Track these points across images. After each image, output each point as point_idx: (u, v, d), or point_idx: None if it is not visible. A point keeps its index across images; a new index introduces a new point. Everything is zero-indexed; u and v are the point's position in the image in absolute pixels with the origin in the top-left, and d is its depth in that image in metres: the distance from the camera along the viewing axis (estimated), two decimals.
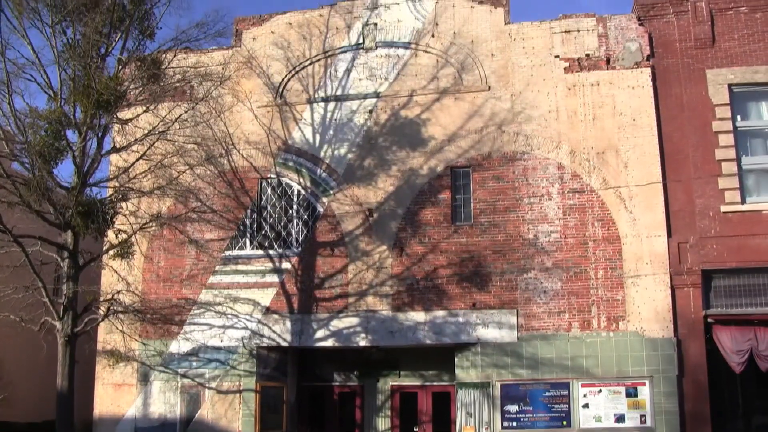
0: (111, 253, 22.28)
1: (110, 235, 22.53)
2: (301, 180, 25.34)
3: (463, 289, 23.65)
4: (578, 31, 24.58)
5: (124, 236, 22.00)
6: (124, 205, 22.33)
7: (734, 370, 21.74)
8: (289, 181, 25.54)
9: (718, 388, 22.67)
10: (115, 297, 22.25)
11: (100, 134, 21.67)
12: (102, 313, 22.21)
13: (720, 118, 22.95)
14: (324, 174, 25.23)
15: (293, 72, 26.09)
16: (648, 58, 23.85)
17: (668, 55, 23.75)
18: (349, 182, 25.01)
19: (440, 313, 23.62)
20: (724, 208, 22.43)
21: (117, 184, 22.24)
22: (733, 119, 23.05)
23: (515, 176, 24.01)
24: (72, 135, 21.25)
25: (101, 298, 22.80)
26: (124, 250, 22.17)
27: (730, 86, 23.17)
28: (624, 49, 24.10)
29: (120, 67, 21.95)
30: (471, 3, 25.45)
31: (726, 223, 22.39)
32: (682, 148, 23.09)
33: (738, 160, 22.77)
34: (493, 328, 23.18)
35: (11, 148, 20.82)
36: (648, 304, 22.40)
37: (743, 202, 22.51)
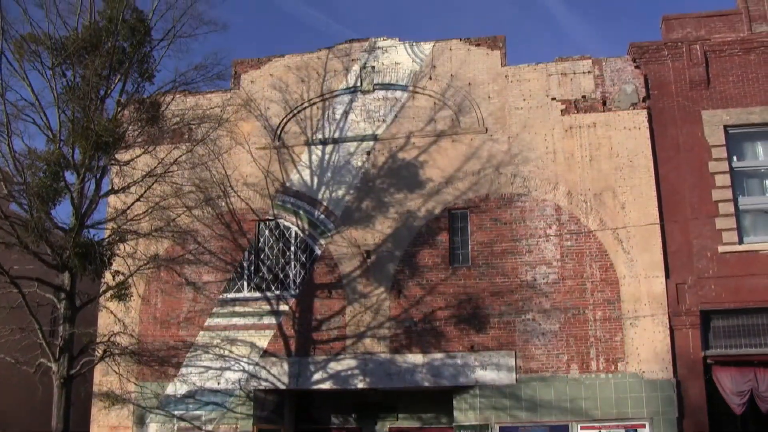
0: (108, 294, 22.19)
1: (107, 276, 22.48)
2: (299, 222, 25.37)
3: (461, 331, 23.55)
4: (574, 73, 24.76)
5: (122, 278, 21.91)
6: (121, 246, 22.25)
7: (734, 411, 21.55)
8: (286, 223, 25.56)
9: (719, 429, 22.45)
10: (112, 339, 22.10)
11: (98, 176, 21.67)
12: (98, 355, 22.05)
13: (716, 159, 23.05)
14: (322, 216, 25.26)
15: (291, 114, 26.25)
16: (644, 100, 24.01)
17: (664, 96, 23.91)
18: (346, 224, 25.04)
19: (438, 355, 23.49)
20: (721, 249, 22.42)
21: (115, 226, 22.19)
22: (729, 160, 23.14)
23: (513, 218, 24.03)
24: (70, 176, 21.24)
25: (98, 340, 22.69)
26: (121, 292, 22.07)
27: (725, 127, 23.32)
28: (620, 91, 24.26)
29: (119, 109, 22.06)
30: (468, 46, 25.68)
31: (724, 263, 22.37)
32: (679, 188, 23.15)
33: (735, 201, 22.83)
34: (492, 371, 23.03)
35: (9, 189, 20.80)
36: (647, 345, 22.29)
37: (741, 242, 22.52)
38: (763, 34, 23.73)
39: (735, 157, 23.36)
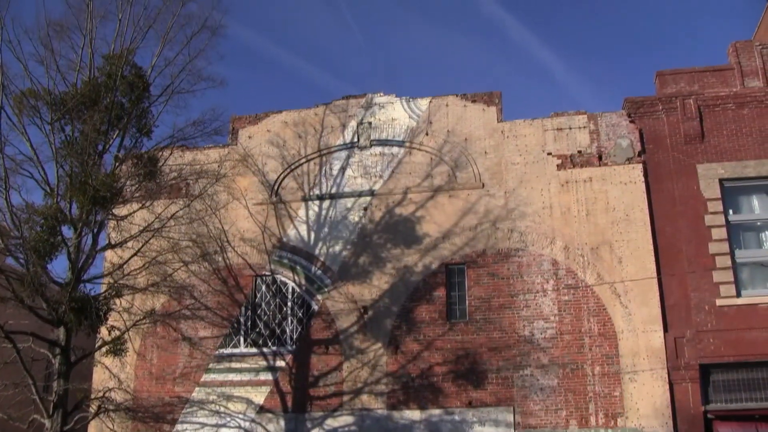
0: (103, 349, 22.04)
1: (103, 331, 22.35)
2: (296, 277, 25.33)
3: (458, 386, 23.36)
4: (570, 128, 24.94)
5: (117, 333, 21.81)
6: (117, 301, 22.21)
7: None
8: (284, 279, 25.52)
9: None
10: (107, 395, 21.94)
11: (95, 230, 21.69)
12: (93, 411, 21.86)
13: (712, 212, 23.11)
14: (319, 271, 25.23)
15: (288, 170, 26.38)
16: (639, 154, 24.14)
17: (659, 150, 24.06)
18: (343, 280, 24.99)
19: (436, 411, 23.26)
20: (719, 302, 22.35)
21: (111, 281, 22.13)
22: (725, 213, 23.21)
23: (510, 273, 23.99)
24: (67, 231, 21.31)
25: (92, 396, 22.53)
26: (116, 347, 21.93)
27: (720, 180, 23.44)
28: (615, 146, 24.41)
29: (117, 164, 22.15)
30: (464, 102, 25.91)
31: (722, 316, 22.27)
32: (676, 242, 23.16)
33: (732, 254, 22.82)
34: (490, 427, 22.78)
35: (6, 244, 20.79)
36: (646, 400, 22.08)
37: (738, 295, 22.45)
38: (756, 89, 23.98)
39: (731, 211, 23.43)
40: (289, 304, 25.34)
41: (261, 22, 77.02)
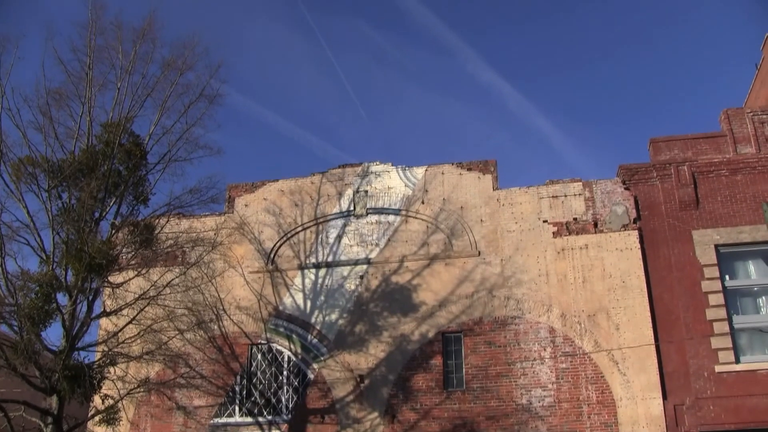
0: (96, 419, 21.86)
1: (96, 400, 22.16)
2: (292, 346, 25.18)
3: None
4: (565, 195, 25.06)
5: (111, 402, 21.63)
6: (112, 369, 22.09)
7: None
8: (279, 347, 25.37)
9: None
10: None
11: (90, 298, 21.63)
12: None
13: (708, 278, 23.08)
14: (315, 340, 25.09)
15: (285, 238, 26.44)
16: (635, 221, 24.22)
17: (654, 217, 24.14)
18: (340, 348, 24.84)
19: None
20: (718, 369, 22.17)
21: (105, 349, 22.03)
22: (722, 279, 23.18)
23: (507, 341, 23.85)
24: (62, 298, 21.26)
25: None
26: (110, 416, 21.73)
27: (716, 246, 23.48)
28: (611, 213, 24.49)
29: (113, 231, 22.22)
30: (460, 170, 26.08)
31: (721, 383, 22.07)
32: (673, 308, 23.09)
33: (729, 320, 22.71)
34: None
35: (0, 311, 20.74)
36: None
37: (737, 361, 22.28)
38: (749, 156, 24.17)
39: (727, 276, 23.40)
40: (285, 373, 25.13)
41: (259, 90, 78.14)
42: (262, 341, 25.51)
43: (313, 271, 25.95)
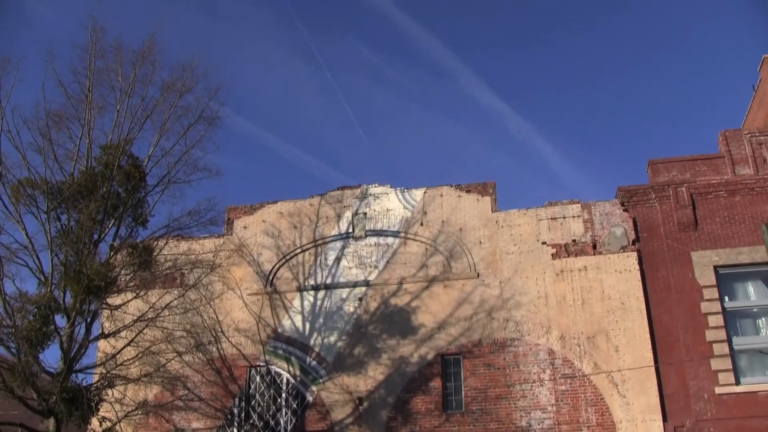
0: None
1: (94, 422, 22.03)
2: (291, 368, 25.10)
3: None
4: (564, 217, 25.07)
5: (109, 424, 21.55)
6: (109, 392, 22.03)
7: None
8: (278, 370, 25.29)
9: None
10: None
11: (88, 320, 21.59)
12: None
13: (708, 300, 23.05)
14: (313, 362, 25.02)
15: (283, 260, 26.43)
16: (633, 242, 24.21)
17: (653, 238, 24.14)
18: (338, 370, 24.77)
19: None
20: (718, 390, 22.08)
21: (103, 371, 21.97)
22: (721, 300, 23.14)
23: (506, 363, 23.78)
24: (60, 320, 21.20)
25: None
26: None
27: (715, 268, 23.48)
28: (609, 234, 24.49)
29: (112, 253, 22.19)
30: (458, 192, 26.11)
31: (722, 405, 21.97)
32: (672, 330, 23.03)
33: (729, 341, 22.65)
34: None
35: None
36: None
37: (737, 383, 22.19)
38: (747, 177, 24.21)
39: (726, 297, 23.38)
40: (284, 395, 25.04)
41: (259, 112, 78.51)
42: (261, 363, 25.44)
43: (312, 293, 25.92)
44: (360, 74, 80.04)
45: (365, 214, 26.60)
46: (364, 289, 25.60)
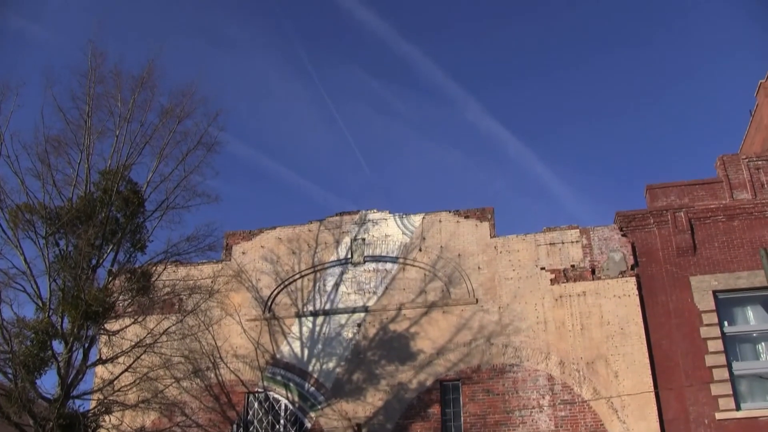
0: None
1: None
2: (289, 395, 25.00)
3: None
4: (562, 242, 25.06)
5: None
6: (107, 418, 21.94)
7: None
8: (276, 396, 25.18)
9: None
10: None
11: (86, 345, 21.53)
12: None
13: (707, 324, 22.98)
14: (312, 389, 24.92)
15: (282, 286, 26.40)
16: (632, 268, 24.19)
17: (652, 263, 24.12)
18: (337, 397, 24.66)
19: None
20: (719, 416, 21.93)
21: (101, 397, 21.89)
22: (721, 325, 23.05)
23: (505, 389, 23.68)
24: (58, 345, 21.13)
25: None
26: None
27: (714, 292, 23.41)
28: (608, 259, 24.48)
29: (110, 278, 22.16)
30: (457, 218, 26.13)
31: (722, 431, 21.80)
32: (672, 355, 22.95)
33: (729, 366, 22.54)
34: None
35: None
36: None
37: (738, 408, 22.05)
38: (745, 201, 24.23)
39: (726, 322, 23.28)
40: (282, 421, 24.91)
41: (259, 138, 78.81)
42: (259, 390, 25.33)
43: (311, 319, 25.87)
44: (360, 100, 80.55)
45: (364, 239, 26.61)
46: (362, 315, 25.54)
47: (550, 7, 76.40)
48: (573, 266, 24.73)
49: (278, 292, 26.42)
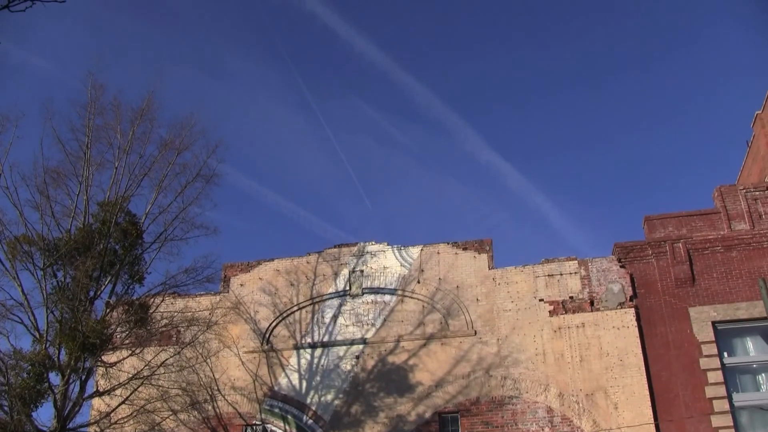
0: None
1: None
2: (287, 427, 24.86)
3: None
4: (561, 274, 25.03)
5: None
6: None
7: None
8: (274, 428, 25.04)
9: None
10: None
11: (83, 377, 21.44)
12: None
13: (707, 356, 22.89)
14: (310, 421, 24.78)
15: (280, 318, 26.34)
16: (631, 299, 24.14)
17: (651, 294, 24.07)
18: (335, 429, 24.52)
19: None
20: None
21: (97, 429, 21.79)
22: (720, 356, 22.97)
23: (504, 421, 23.54)
24: (54, 378, 21.06)
25: None
26: None
27: (713, 323, 23.36)
28: (607, 291, 24.43)
29: (108, 310, 22.09)
30: (455, 250, 26.11)
31: None
32: (672, 386, 22.84)
33: (729, 398, 22.43)
34: None
35: None
36: None
37: None
38: (743, 232, 24.22)
39: (726, 353, 23.20)
40: None
41: (259, 169, 78.77)
42: (257, 422, 25.19)
43: (309, 351, 25.77)
44: (360, 131, 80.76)
45: (362, 271, 26.58)
46: (361, 347, 25.46)
47: (548, 40, 76.96)
48: (572, 298, 24.68)
49: (276, 324, 26.35)
